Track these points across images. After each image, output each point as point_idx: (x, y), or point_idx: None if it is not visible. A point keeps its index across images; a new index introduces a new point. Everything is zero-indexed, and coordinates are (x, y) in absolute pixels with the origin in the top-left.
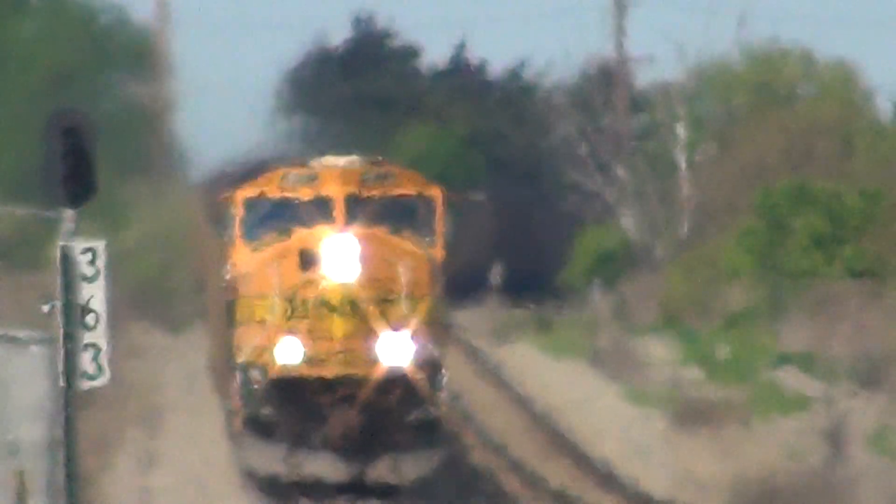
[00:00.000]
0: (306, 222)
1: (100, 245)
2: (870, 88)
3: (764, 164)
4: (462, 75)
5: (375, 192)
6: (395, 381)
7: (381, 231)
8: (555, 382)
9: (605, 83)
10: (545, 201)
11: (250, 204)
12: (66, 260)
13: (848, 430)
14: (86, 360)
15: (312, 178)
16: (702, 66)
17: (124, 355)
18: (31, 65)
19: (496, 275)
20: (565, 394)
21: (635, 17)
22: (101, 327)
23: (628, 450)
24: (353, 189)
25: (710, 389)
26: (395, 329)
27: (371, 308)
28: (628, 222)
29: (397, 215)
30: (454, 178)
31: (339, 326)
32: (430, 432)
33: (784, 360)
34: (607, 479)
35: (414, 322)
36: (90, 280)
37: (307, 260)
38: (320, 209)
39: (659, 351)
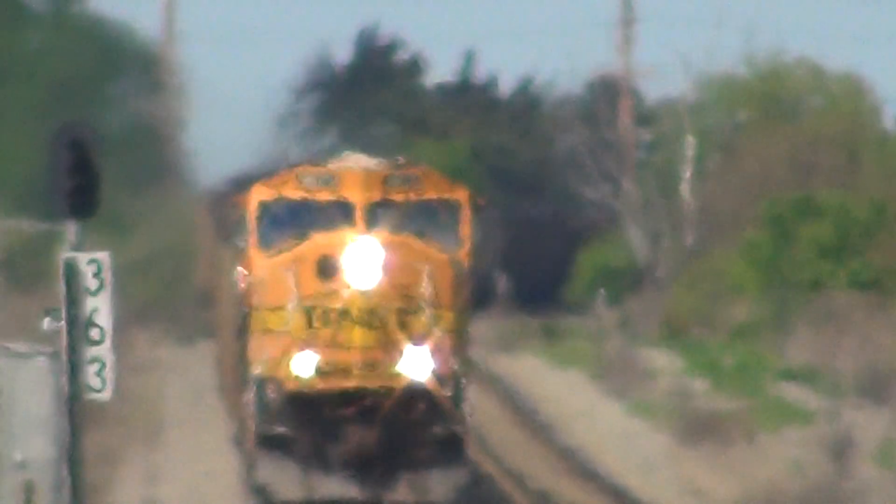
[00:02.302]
0: (325, 227)
1: (104, 257)
2: (877, 101)
3: (770, 176)
4: (469, 91)
5: (399, 195)
6: (417, 396)
7: (404, 236)
8: (559, 393)
9: (611, 96)
10: (551, 214)
11: (265, 207)
12: (71, 272)
13: (853, 444)
14: (90, 374)
15: (332, 180)
16: (708, 78)
17: (129, 369)
18: (37, 77)
19: (502, 285)
20: (569, 405)
21: (641, 31)
22: (106, 341)
23: (632, 462)
24: (375, 192)
25: (714, 402)
26: (418, 341)
27: (393, 318)
28: (634, 234)
29: (422, 220)
30: None
31: (358, 337)
32: (453, 449)
33: (789, 373)
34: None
35: (438, 333)
36: (94, 293)
37: (326, 267)
38: (340, 213)
39: (664, 363)
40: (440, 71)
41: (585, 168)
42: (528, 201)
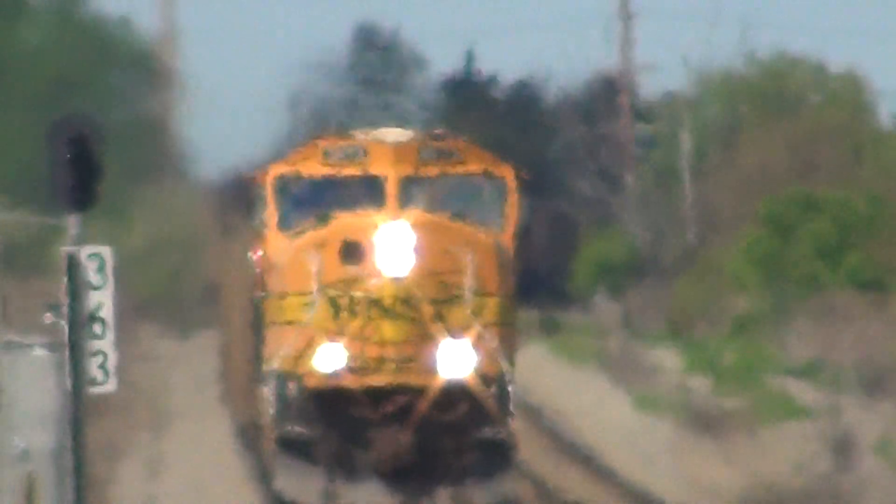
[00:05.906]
0: (351, 206)
1: (106, 251)
2: (874, 96)
3: (769, 172)
4: (469, 87)
5: (435, 171)
6: (456, 395)
7: (441, 217)
8: (562, 388)
9: (610, 92)
10: (550, 209)
11: (285, 184)
12: (73, 267)
13: (854, 438)
14: (93, 367)
15: (360, 154)
16: (706, 74)
17: (132, 361)
18: (36, 72)
19: None
20: (573, 400)
21: (639, 26)
22: (109, 335)
23: (635, 456)
24: (408, 167)
25: (716, 398)
26: (457, 334)
27: (428, 308)
28: (634, 231)
29: (461, 198)
30: None
31: (390, 330)
32: (496, 455)
33: (790, 369)
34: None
35: (480, 326)
36: (97, 287)
37: (352, 252)
38: (369, 191)
39: (665, 359)
40: (438, 69)
41: (584, 164)
42: (528, 196)
